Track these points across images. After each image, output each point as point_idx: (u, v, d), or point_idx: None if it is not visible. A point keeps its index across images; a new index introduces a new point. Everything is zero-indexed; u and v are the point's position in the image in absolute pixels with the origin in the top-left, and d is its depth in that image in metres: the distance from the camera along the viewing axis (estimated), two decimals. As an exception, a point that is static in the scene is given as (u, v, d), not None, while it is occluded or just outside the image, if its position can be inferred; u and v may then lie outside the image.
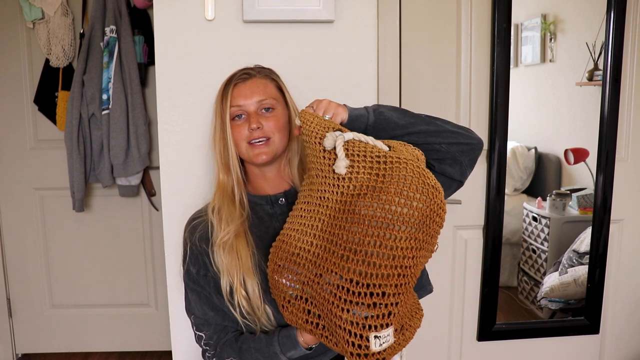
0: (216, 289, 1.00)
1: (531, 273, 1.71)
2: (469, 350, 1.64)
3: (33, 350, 2.37)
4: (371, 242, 0.78)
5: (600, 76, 1.54)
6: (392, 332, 0.79)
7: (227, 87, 1.01)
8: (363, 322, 0.77)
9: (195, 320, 1.02)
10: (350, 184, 0.83)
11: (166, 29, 1.26)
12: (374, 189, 0.81)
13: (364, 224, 0.80)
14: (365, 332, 0.77)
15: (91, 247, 2.29)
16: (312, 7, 1.24)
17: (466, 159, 0.95)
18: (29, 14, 2.02)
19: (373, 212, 0.80)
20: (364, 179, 0.82)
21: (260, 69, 1.06)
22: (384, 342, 0.79)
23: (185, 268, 1.02)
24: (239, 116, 1.00)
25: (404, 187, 0.80)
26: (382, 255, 0.78)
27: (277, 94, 1.04)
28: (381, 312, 0.77)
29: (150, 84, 2.10)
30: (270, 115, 1.00)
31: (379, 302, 0.77)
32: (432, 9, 1.47)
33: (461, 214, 1.54)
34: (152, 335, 2.36)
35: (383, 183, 0.81)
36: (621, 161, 1.59)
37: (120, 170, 1.98)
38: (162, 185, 1.31)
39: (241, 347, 0.97)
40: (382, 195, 0.80)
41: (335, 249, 0.82)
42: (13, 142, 2.21)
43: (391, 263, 0.78)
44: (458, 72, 1.50)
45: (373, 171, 0.82)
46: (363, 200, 0.81)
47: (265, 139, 0.99)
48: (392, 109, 0.95)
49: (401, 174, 0.81)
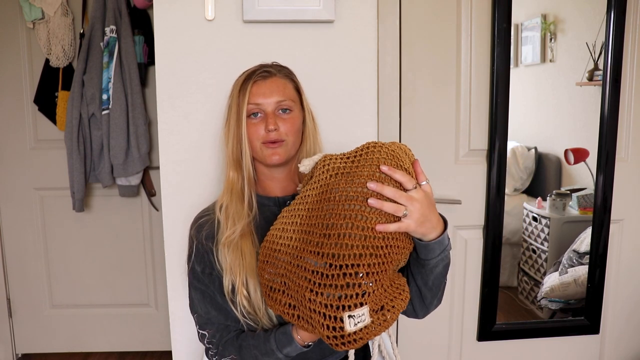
0: (220, 288, 1.00)
1: (531, 273, 1.71)
2: (469, 350, 1.64)
3: (33, 350, 2.37)
4: (343, 224, 0.79)
5: (600, 76, 1.54)
6: (367, 311, 0.78)
7: (246, 84, 0.99)
8: (337, 303, 0.77)
9: (199, 318, 1.02)
10: (327, 174, 0.85)
11: (166, 29, 1.26)
12: (348, 174, 0.83)
13: (337, 208, 0.80)
14: (339, 313, 0.77)
15: (91, 247, 2.29)
16: (312, 7, 1.24)
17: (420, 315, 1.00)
18: (29, 14, 2.02)
19: (346, 194, 0.81)
20: (339, 166, 0.85)
21: (280, 68, 1.03)
22: (359, 322, 0.78)
23: (190, 266, 1.02)
24: (255, 114, 0.99)
25: (376, 169, 0.82)
26: (354, 236, 0.78)
27: (295, 96, 1.02)
28: (354, 292, 0.77)
29: (150, 84, 2.10)
30: (287, 117, 0.99)
31: (352, 281, 0.77)
32: (432, 9, 1.47)
33: (461, 214, 1.54)
34: (152, 335, 2.36)
35: (357, 167, 0.83)
36: (621, 161, 1.59)
37: (120, 170, 1.98)
38: (162, 185, 1.31)
39: (241, 345, 0.96)
40: (355, 179, 0.82)
41: (312, 237, 0.82)
42: (13, 142, 2.21)
43: (363, 243, 0.78)
44: (458, 72, 1.50)
45: (349, 159, 0.85)
46: (337, 186, 0.83)
47: (280, 141, 0.98)
48: (445, 265, 0.92)
49: (374, 157, 0.83)
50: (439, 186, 1.53)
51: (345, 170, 0.84)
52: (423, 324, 1.61)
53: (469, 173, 1.54)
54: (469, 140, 1.53)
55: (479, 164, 1.54)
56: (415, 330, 1.60)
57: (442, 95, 1.51)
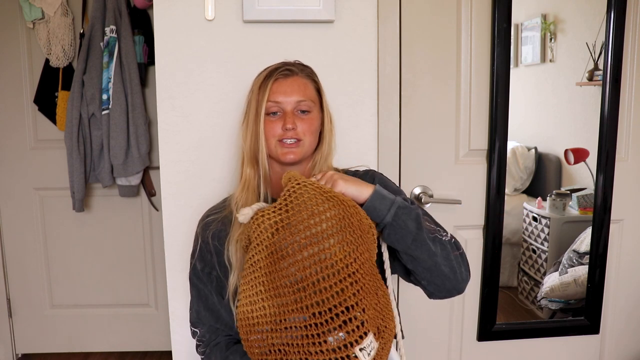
0: (217, 289, 1.00)
1: (531, 273, 1.71)
2: (469, 350, 1.64)
3: (33, 351, 2.37)
4: (312, 271, 0.79)
5: (600, 76, 1.54)
6: (372, 337, 0.79)
7: (267, 81, 0.98)
8: (343, 343, 0.77)
9: (192, 315, 1.03)
10: (267, 232, 0.84)
11: (166, 29, 1.26)
12: (288, 225, 0.82)
13: (298, 260, 0.80)
14: (350, 350, 0.77)
15: (91, 247, 2.29)
16: (312, 7, 1.24)
17: (440, 296, 0.96)
18: (29, 14, 2.02)
19: (298, 245, 0.81)
20: (276, 221, 0.84)
21: (303, 67, 1.03)
22: (371, 350, 0.79)
23: (193, 263, 1.03)
24: (274, 113, 0.98)
25: (312, 207, 0.82)
26: (328, 276, 0.78)
27: (316, 97, 1.02)
28: (355, 325, 0.77)
29: (150, 84, 2.11)
30: (306, 118, 0.99)
31: (348, 317, 0.77)
32: (432, 9, 1.47)
33: (461, 214, 1.54)
34: (152, 335, 2.36)
35: (294, 216, 0.82)
36: (621, 161, 1.59)
37: (120, 170, 1.98)
38: (162, 185, 1.31)
39: (227, 357, 0.97)
40: (299, 226, 0.81)
41: (285, 298, 0.82)
42: (13, 142, 2.21)
43: (339, 278, 0.78)
44: (458, 72, 1.50)
45: (282, 209, 0.84)
46: (285, 240, 0.82)
47: (296, 140, 0.97)
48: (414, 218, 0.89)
49: (304, 199, 0.83)
50: (439, 186, 1.53)
51: (284, 223, 0.83)
52: (423, 324, 1.61)
53: (469, 173, 1.54)
54: (469, 140, 1.53)
55: (479, 164, 1.53)
56: (415, 330, 1.60)
57: (442, 95, 1.51)
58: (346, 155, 1.29)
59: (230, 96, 1.28)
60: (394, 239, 0.89)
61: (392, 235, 0.88)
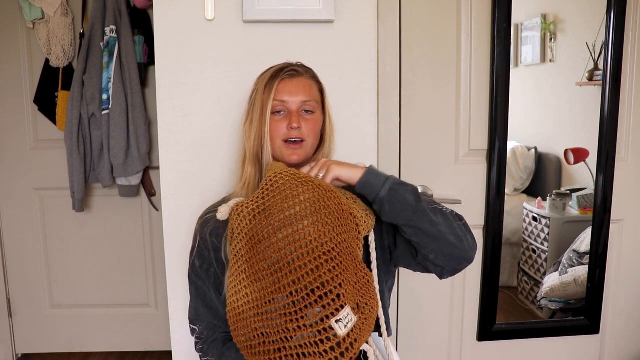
0: (215, 286, 1.01)
1: (531, 273, 1.71)
2: (469, 350, 1.64)
3: (33, 351, 2.37)
4: (287, 252, 0.81)
5: (600, 76, 1.54)
6: (350, 310, 0.80)
7: (273, 80, 0.99)
8: (320, 316, 0.79)
9: (190, 312, 1.04)
10: (246, 220, 0.87)
11: (166, 29, 1.26)
12: (264, 211, 0.85)
13: (273, 242, 0.82)
14: (327, 323, 0.78)
15: (91, 247, 2.29)
16: (312, 7, 1.25)
17: (450, 269, 0.96)
18: (29, 14, 2.02)
19: (273, 228, 0.83)
20: (254, 208, 0.87)
21: (307, 69, 1.05)
22: (348, 322, 0.80)
23: (191, 260, 1.03)
24: (279, 112, 0.99)
25: (286, 192, 0.85)
26: (302, 255, 0.80)
27: (319, 98, 1.04)
28: (330, 299, 0.79)
29: (150, 84, 2.10)
30: (310, 118, 1.00)
31: (324, 292, 0.79)
32: (432, 9, 1.47)
33: (461, 213, 1.53)
34: (152, 335, 2.36)
35: (270, 201, 0.85)
36: (621, 161, 1.59)
37: (120, 170, 1.98)
38: (162, 185, 1.31)
39: (223, 353, 0.97)
40: (273, 211, 0.84)
41: (265, 281, 0.83)
42: (13, 142, 2.21)
43: (313, 256, 0.80)
44: (458, 72, 1.50)
45: (259, 198, 0.87)
46: (260, 225, 0.84)
47: (300, 140, 0.99)
48: (412, 192, 0.90)
49: (279, 185, 0.86)
50: (439, 186, 1.53)
51: (261, 209, 0.86)
52: (423, 323, 1.61)
53: (469, 173, 1.54)
54: (469, 140, 1.53)
55: (479, 164, 1.53)
56: (415, 330, 1.60)
57: (442, 95, 1.51)
58: (346, 155, 1.28)
59: (230, 96, 1.28)
60: (395, 213, 0.89)
61: (392, 210, 0.89)
